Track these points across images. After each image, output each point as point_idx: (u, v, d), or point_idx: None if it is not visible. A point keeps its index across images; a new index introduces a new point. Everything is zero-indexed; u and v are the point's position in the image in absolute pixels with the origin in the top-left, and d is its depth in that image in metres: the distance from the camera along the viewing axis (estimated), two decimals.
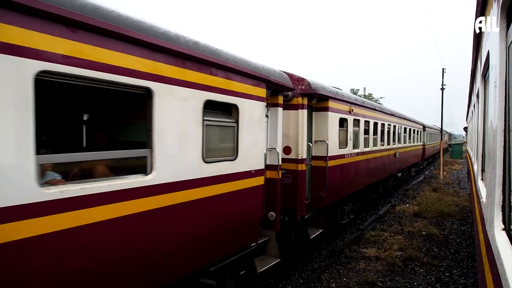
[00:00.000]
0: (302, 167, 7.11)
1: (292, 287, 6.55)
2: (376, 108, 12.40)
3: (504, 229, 2.34)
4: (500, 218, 2.40)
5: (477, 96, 5.61)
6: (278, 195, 5.98)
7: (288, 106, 6.88)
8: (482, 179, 4.70)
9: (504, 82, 2.33)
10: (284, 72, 6.51)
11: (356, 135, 9.93)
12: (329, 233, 9.04)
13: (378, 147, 12.27)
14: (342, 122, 8.82)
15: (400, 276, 6.87)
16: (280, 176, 6.07)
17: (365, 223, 10.68)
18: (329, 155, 7.81)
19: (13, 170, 2.42)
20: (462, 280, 6.74)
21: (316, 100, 7.82)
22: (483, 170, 4.53)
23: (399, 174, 18.14)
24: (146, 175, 3.36)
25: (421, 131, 23.92)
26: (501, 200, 2.37)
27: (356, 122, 9.88)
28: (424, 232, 9.63)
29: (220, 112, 4.56)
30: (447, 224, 10.76)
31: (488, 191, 2.99)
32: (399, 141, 15.87)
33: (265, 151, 5.52)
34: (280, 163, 6.01)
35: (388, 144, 13.84)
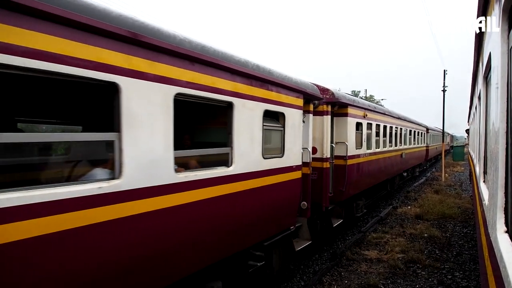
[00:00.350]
0: (326, 165, 8.27)
1: None
2: (386, 113, 13.37)
3: (506, 232, 2.33)
4: (503, 220, 2.39)
5: (479, 98, 5.61)
6: (309, 187, 7.17)
7: (315, 112, 7.88)
8: (484, 181, 4.69)
9: (506, 84, 2.33)
10: (314, 84, 7.59)
11: (369, 137, 10.99)
12: (347, 223, 10.36)
13: (387, 148, 13.35)
14: (358, 126, 9.99)
15: (402, 279, 6.85)
16: (310, 172, 7.26)
17: (367, 225, 10.65)
18: (348, 154, 8.94)
19: (163, 161, 3.53)
20: (464, 283, 6.71)
21: (337, 107, 8.97)
22: (485, 172, 4.52)
23: (405, 174, 19.17)
24: (228, 167, 4.54)
25: (424, 133, 24.76)
26: (504, 202, 2.36)
27: (369, 126, 11.00)
28: (426, 234, 9.60)
29: (272, 119, 5.67)
30: (449, 226, 10.73)
31: (490, 193, 2.98)
32: (405, 143, 16.90)
33: (301, 151, 6.59)
34: (311, 160, 7.25)
35: (396, 145, 14.87)
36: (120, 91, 3.10)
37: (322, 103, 8.19)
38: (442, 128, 25.83)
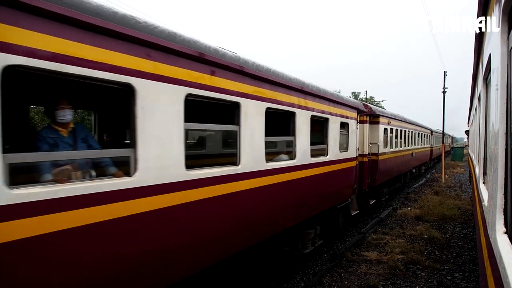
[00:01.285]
0: (365, 159, 11.53)
1: None
2: (401, 119, 16.46)
3: (506, 233, 2.33)
4: (502, 221, 2.39)
5: (479, 99, 5.61)
6: (357, 174, 10.11)
7: (359, 121, 10.71)
8: (484, 182, 4.69)
9: (506, 85, 2.33)
10: (361, 101, 11.54)
11: (391, 139, 14.18)
12: (377, 205, 13.47)
13: (403, 147, 16.62)
14: (385, 131, 13.20)
15: (402, 280, 6.84)
16: (357, 163, 9.94)
17: (367, 226, 10.65)
18: (379, 152, 12.24)
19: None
20: (464, 284, 6.71)
21: (372, 117, 12.16)
22: (484, 173, 4.52)
23: (414, 170, 22.10)
24: (325, 156, 7.39)
25: (429, 135, 27.72)
26: (503, 203, 2.36)
27: (391, 130, 14.18)
28: (425, 236, 9.60)
29: (343, 127, 8.44)
30: (449, 228, 10.73)
31: (490, 194, 2.98)
32: (414, 144, 19.85)
33: (356, 148, 9.54)
34: (357, 155, 9.98)
35: (408, 145, 17.92)
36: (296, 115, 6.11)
37: (363, 114, 11.17)
38: (442, 130, 26.35)
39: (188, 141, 7.43)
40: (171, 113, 3.60)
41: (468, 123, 18.72)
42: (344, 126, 8.50)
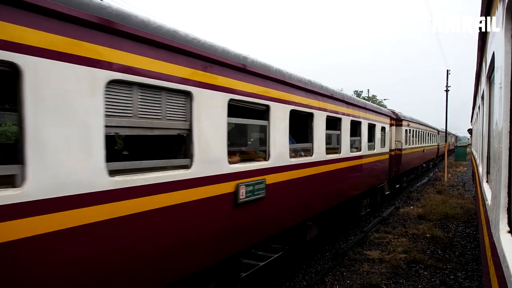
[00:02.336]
0: (392, 153, 14.28)
1: None
2: (417, 121, 20.32)
3: (509, 232, 2.32)
4: (506, 220, 2.38)
5: (482, 97, 5.58)
6: (389, 164, 13.47)
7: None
8: (487, 181, 4.67)
9: (510, 83, 2.32)
10: (391, 109, 15.46)
11: (409, 138, 17.76)
12: (400, 189, 17.37)
13: (417, 145, 20.12)
14: (406, 131, 16.84)
15: (404, 279, 6.83)
16: (388, 156, 13.18)
17: (369, 225, 10.64)
18: (402, 148, 15.76)
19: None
20: (467, 283, 6.69)
21: (397, 121, 15.57)
22: (488, 172, 4.50)
23: (424, 165, 25.52)
24: (373, 150, 10.68)
25: (436, 134, 30.90)
26: (507, 202, 2.35)
27: (410, 131, 17.82)
28: (428, 235, 9.58)
29: (382, 129, 11.89)
30: (452, 227, 10.69)
31: (493, 193, 2.97)
32: (424, 142, 23.39)
33: (389, 144, 13.09)
34: (390, 149, 13.67)
35: (420, 143, 21.44)
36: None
37: (391, 119, 14.41)
38: (445, 129, 26.34)
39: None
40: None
41: (471, 121, 18.67)
42: (383, 129, 12.17)
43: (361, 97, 52.33)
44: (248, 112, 5.30)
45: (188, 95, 3.86)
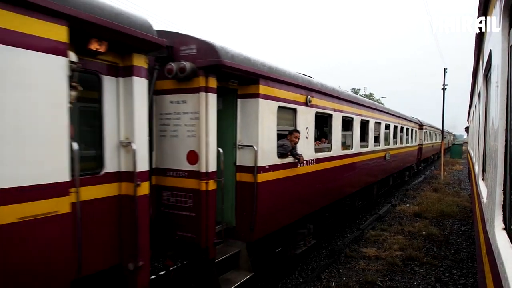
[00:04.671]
0: (418, 147, 21.65)
1: (292, 286, 6.56)
2: (431, 126, 28.83)
3: (504, 229, 2.34)
4: (501, 218, 2.40)
5: (479, 96, 5.61)
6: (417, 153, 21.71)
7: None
8: (483, 179, 4.70)
9: (506, 82, 2.33)
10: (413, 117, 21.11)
11: (425, 136, 24.98)
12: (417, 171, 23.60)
13: (428, 142, 26.74)
14: (424, 133, 24.23)
15: (400, 276, 6.87)
16: (417, 148, 21.41)
17: (365, 222, 10.68)
18: (423, 144, 23.55)
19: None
20: (462, 280, 6.75)
21: (419, 126, 22.59)
22: (484, 170, 4.53)
23: (432, 156, 33.75)
24: (411, 143, 19.42)
25: (439, 133, 37.38)
26: (502, 199, 2.37)
27: (425, 132, 24.70)
28: (424, 232, 9.63)
29: (409, 132, 18.62)
30: (448, 224, 10.76)
31: (489, 191, 2.98)
32: (431, 139, 29.50)
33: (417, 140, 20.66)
34: (418, 144, 22.04)
35: (429, 140, 27.93)
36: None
37: (418, 125, 22.06)
38: (442, 127, 26.83)
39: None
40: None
41: (468, 120, 18.79)
42: (414, 131, 19.86)
43: (358, 94, 52.45)
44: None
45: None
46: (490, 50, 3.08)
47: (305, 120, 6.65)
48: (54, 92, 2.88)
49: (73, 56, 2.99)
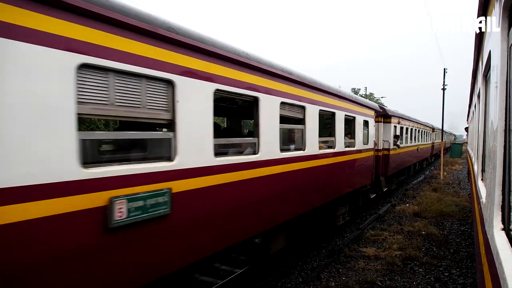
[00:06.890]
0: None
1: (292, 286, 6.57)
2: (434, 127, 31.81)
3: (503, 229, 2.34)
4: (500, 218, 2.40)
5: (478, 96, 5.61)
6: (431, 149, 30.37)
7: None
8: (482, 179, 4.71)
9: (505, 82, 2.33)
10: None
11: (436, 136, 33.70)
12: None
13: (431, 141, 29.85)
14: (434, 134, 32.62)
15: (399, 276, 6.88)
16: (432, 145, 30.40)
17: (365, 222, 10.70)
18: (433, 142, 31.77)
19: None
20: (461, 280, 6.76)
21: (433, 129, 30.88)
22: (483, 170, 4.53)
23: (439, 152, 36.65)
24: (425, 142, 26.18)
25: (439, 133, 40.33)
26: (501, 200, 2.37)
27: (434, 133, 31.67)
28: (423, 232, 9.64)
29: (427, 133, 27.63)
30: (447, 224, 10.77)
31: (488, 191, 2.99)
32: (437, 139, 34.31)
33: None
34: (432, 142, 31.13)
35: (438, 139, 33.12)
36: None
37: (433, 128, 31.10)
38: (441, 127, 27.35)
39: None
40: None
41: (467, 120, 18.79)
42: (428, 134, 26.17)
43: (358, 94, 52.33)
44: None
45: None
46: (490, 51, 3.08)
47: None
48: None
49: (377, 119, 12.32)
